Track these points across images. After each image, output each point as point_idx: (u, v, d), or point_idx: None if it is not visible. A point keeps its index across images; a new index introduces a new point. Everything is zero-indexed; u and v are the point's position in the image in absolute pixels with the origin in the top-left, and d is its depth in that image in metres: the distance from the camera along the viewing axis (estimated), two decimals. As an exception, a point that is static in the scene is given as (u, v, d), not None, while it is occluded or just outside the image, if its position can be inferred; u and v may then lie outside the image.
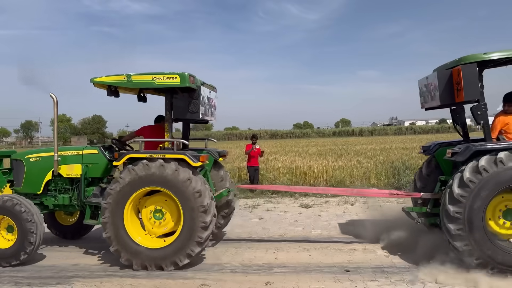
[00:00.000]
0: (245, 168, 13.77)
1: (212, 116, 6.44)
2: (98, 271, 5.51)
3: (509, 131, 5.58)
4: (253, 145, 12.01)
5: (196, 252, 5.38)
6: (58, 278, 5.30)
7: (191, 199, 5.29)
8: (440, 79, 5.26)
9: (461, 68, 4.98)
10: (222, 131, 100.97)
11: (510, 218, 5.04)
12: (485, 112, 5.14)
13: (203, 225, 5.30)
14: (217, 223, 6.70)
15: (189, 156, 5.42)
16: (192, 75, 5.55)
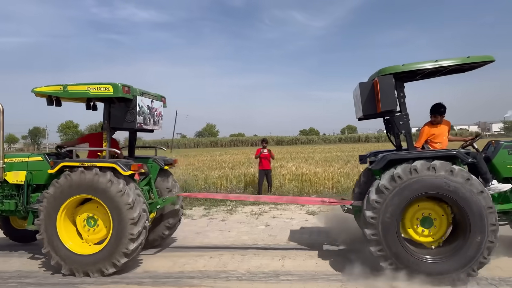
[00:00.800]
0: (250, 173, 13.83)
1: (156, 125, 6.50)
2: (104, 278, 5.50)
3: (434, 141, 5.77)
4: (263, 149, 12.16)
5: (122, 262, 5.46)
6: (65, 284, 5.31)
7: (121, 210, 5.39)
8: (362, 90, 5.37)
9: (377, 79, 5.12)
10: (228, 138, 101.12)
11: (427, 226, 5.12)
12: (407, 122, 5.29)
13: (131, 237, 5.39)
14: (162, 232, 6.87)
15: (119, 165, 5.50)
16: (127, 86, 5.64)
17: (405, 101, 5.34)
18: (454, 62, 5.03)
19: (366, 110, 5.34)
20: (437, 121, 5.84)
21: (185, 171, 16.42)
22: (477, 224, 4.74)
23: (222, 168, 17.23)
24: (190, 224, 8.94)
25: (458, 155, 4.98)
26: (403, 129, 5.32)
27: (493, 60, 5.07)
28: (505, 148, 5.41)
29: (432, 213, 5.13)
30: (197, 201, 11.47)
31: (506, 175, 5.37)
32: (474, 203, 4.73)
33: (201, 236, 7.88)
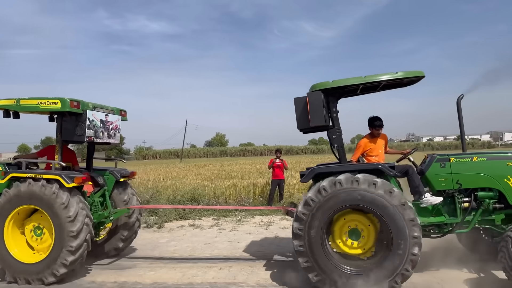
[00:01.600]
0: (259, 183, 13.77)
1: (111, 138, 6.67)
2: None
3: (371, 154, 5.84)
4: (276, 159, 12.10)
5: (62, 272, 5.60)
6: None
7: (62, 223, 5.56)
8: (296, 105, 5.41)
9: (307, 95, 5.23)
10: (237, 147, 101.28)
11: (355, 238, 5.14)
12: (339, 136, 5.43)
13: (70, 249, 5.54)
14: (116, 245, 7.02)
15: (63, 177, 5.68)
16: (76, 100, 5.86)
17: (337, 116, 5.46)
18: (381, 78, 5.11)
19: (301, 124, 5.41)
20: (374, 135, 5.91)
21: (194, 181, 16.43)
22: (399, 236, 4.75)
23: (232, 178, 17.21)
24: (199, 235, 8.92)
25: (382, 169, 5.06)
26: (336, 143, 5.46)
27: (423, 75, 5.16)
28: (437, 161, 5.41)
29: (359, 225, 5.15)
30: (206, 211, 11.45)
31: (439, 188, 5.36)
32: (395, 215, 4.76)
33: (210, 247, 7.84)
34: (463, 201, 5.28)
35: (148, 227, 9.90)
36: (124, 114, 7.03)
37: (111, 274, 6.16)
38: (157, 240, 8.59)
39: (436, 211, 5.37)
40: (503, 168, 5.21)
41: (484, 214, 5.28)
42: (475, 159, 5.32)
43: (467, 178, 5.27)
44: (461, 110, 5.53)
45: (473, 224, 5.27)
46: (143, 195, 12.99)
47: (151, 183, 16.07)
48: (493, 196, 5.23)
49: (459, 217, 5.25)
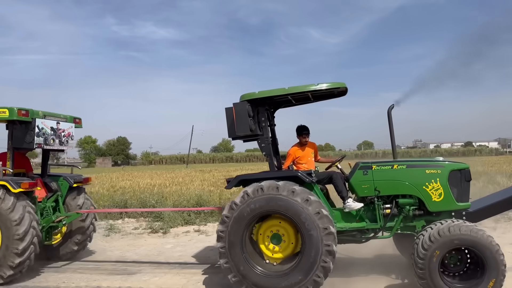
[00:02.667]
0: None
1: (63, 145, 6.95)
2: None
3: (300, 162, 6.05)
4: None
5: (8, 274, 5.78)
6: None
7: (9, 226, 5.76)
8: (227, 115, 5.54)
9: (233, 105, 5.39)
10: (243, 153, 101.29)
11: (276, 242, 5.27)
12: (267, 145, 5.59)
13: (16, 251, 5.74)
14: (71, 248, 7.28)
15: (10, 183, 5.87)
16: (24, 109, 6.12)
17: (266, 125, 5.64)
18: (302, 90, 5.31)
19: (231, 133, 5.53)
20: (302, 143, 6.13)
21: (200, 186, 16.47)
22: (311, 243, 4.86)
23: (237, 184, 17.21)
24: (204, 241, 8.91)
25: (300, 176, 5.22)
26: (264, 151, 5.61)
27: (345, 87, 5.40)
28: (360, 168, 5.52)
29: (281, 230, 5.28)
30: (212, 217, 11.44)
31: (362, 194, 5.47)
32: (309, 223, 4.88)
33: (215, 252, 7.80)
34: (385, 207, 5.41)
35: (153, 232, 9.91)
36: (79, 122, 7.34)
37: (116, 280, 6.17)
38: (162, 245, 8.59)
39: (359, 217, 5.51)
40: (422, 176, 5.32)
41: (405, 220, 5.43)
42: (395, 167, 5.43)
43: (388, 185, 5.40)
44: (392, 119, 5.66)
45: (395, 230, 5.42)
46: (149, 200, 13.05)
47: (156, 189, 16.14)
48: (413, 203, 5.36)
49: (379, 223, 5.38)
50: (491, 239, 4.60)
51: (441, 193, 5.24)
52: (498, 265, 4.53)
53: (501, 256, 4.55)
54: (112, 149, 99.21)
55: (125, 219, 11.69)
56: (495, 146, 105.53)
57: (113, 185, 18.58)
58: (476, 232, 4.61)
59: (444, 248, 4.65)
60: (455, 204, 5.26)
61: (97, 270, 6.77)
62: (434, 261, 4.64)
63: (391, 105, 5.67)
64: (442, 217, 5.25)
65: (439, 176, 5.27)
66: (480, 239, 4.58)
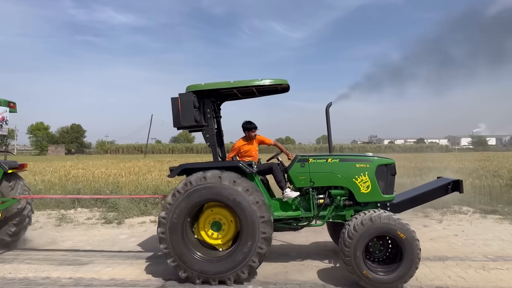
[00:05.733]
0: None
1: None
2: (68, 285, 5.36)
3: (245, 155, 6.32)
4: None
5: None
6: None
7: None
8: (173, 105, 5.69)
9: (179, 96, 5.54)
10: (204, 144, 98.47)
11: (216, 229, 5.60)
12: (212, 136, 5.82)
13: None
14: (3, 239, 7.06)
15: None
16: None
17: (212, 117, 5.85)
18: (247, 84, 5.60)
19: (176, 123, 5.65)
20: (249, 137, 6.38)
21: (158, 176, 16.22)
22: (249, 230, 5.21)
23: (196, 174, 17.08)
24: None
25: (241, 166, 5.49)
26: (208, 141, 5.84)
27: (287, 84, 5.71)
28: (298, 161, 5.89)
29: (222, 219, 5.59)
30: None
31: (298, 185, 5.86)
32: (248, 211, 5.21)
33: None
34: (319, 197, 5.82)
35: (107, 223, 9.67)
36: (13, 106, 7.05)
37: (66, 270, 6.00)
38: (117, 236, 8.41)
39: (295, 206, 5.91)
40: (352, 169, 5.78)
41: (336, 210, 5.87)
42: (329, 161, 5.86)
43: (322, 177, 5.80)
44: (329, 116, 6.01)
45: (327, 218, 5.86)
46: (103, 189, 12.70)
47: (111, 178, 15.72)
48: (344, 194, 5.82)
49: (313, 212, 5.79)
50: (408, 227, 5.03)
51: (368, 186, 5.73)
52: (413, 249, 4.93)
53: (416, 241, 4.96)
54: (65, 137, 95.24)
55: (78, 209, 11.33)
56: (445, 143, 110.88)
57: (66, 174, 17.89)
58: (395, 221, 5.03)
59: (366, 236, 5.02)
60: (381, 196, 5.75)
61: (46, 260, 6.54)
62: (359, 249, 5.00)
63: (328, 103, 5.99)
64: (369, 207, 5.75)
65: (368, 170, 5.74)
66: (398, 226, 5.00)
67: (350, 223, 5.15)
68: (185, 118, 5.44)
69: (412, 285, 5.18)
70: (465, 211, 10.27)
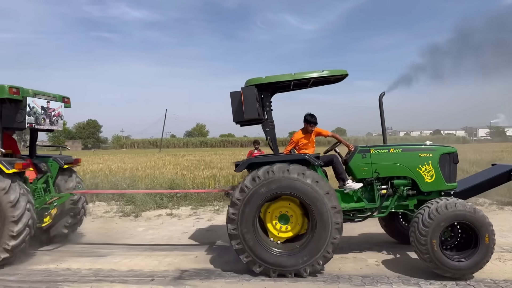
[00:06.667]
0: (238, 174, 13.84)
1: (53, 125, 6.74)
2: (88, 276, 5.50)
3: (302, 148, 6.30)
4: (255, 150, 12.17)
5: (3, 257, 5.70)
6: (47, 282, 5.28)
7: (4, 207, 5.64)
8: (232, 99, 5.69)
9: (242, 90, 5.54)
10: (218, 138, 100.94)
11: (284, 222, 5.55)
12: (271, 129, 5.83)
13: (11, 233, 5.65)
14: (62, 231, 7.14)
15: (3, 164, 5.74)
16: (15, 87, 5.89)
17: (271, 110, 5.83)
18: (309, 76, 5.56)
19: (237, 117, 5.66)
20: (308, 131, 6.33)
21: (173, 170, 16.40)
22: (322, 221, 5.18)
23: (211, 168, 17.24)
24: (176, 224, 8.94)
25: (308, 159, 5.43)
26: (269, 135, 5.85)
27: (346, 74, 5.64)
28: (359, 152, 5.89)
29: (289, 211, 5.55)
30: (184, 201, 11.46)
31: (360, 176, 5.85)
32: (320, 202, 5.18)
33: (187, 235, 7.88)
34: (381, 188, 5.82)
35: (125, 216, 9.86)
36: (68, 101, 7.07)
37: (86, 262, 6.15)
38: (134, 228, 8.58)
39: (357, 198, 5.89)
40: (416, 159, 5.77)
41: (399, 200, 5.86)
42: (391, 151, 5.84)
43: (384, 168, 5.80)
44: (383, 106, 5.98)
45: (390, 209, 5.84)
46: (120, 184, 12.92)
47: (128, 172, 15.96)
48: (407, 183, 5.80)
49: (377, 202, 5.79)
50: (482, 213, 5.09)
51: (432, 175, 5.71)
52: (489, 235, 4.99)
53: (491, 227, 5.03)
54: (82, 132, 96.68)
55: (96, 202, 11.55)
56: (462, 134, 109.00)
57: (84, 169, 18.24)
58: (470, 208, 5.06)
59: (443, 224, 5.01)
60: (445, 184, 5.74)
61: (67, 252, 6.71)
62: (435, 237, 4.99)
63: (382, 93, 5.96)
64: (432, 196, 5.71)
65: (431, 159, 5.73)
66: (472, 213, 5.03)
67: (423, 212, 5.13)
68: (248, 112, 5.43)
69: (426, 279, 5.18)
70: (482, 203, 10.16)
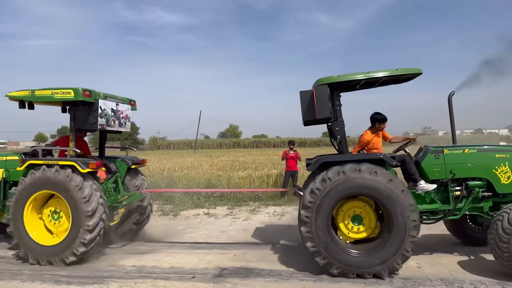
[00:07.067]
0: (273, 174, 13.91)
1: (122, 127, 6.95)
2: (132, 272, 5.72)
3: (371, 148, 6.18)
4: (290, 151, 12.24)
5: (81, 251, 5.88)
6: (94, 278, 5.52)
7: (78, 203, 5.85)
8: (302, 99, 5.64)
9: (314, 89, 5.49)
10: (251, 139, 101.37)
11: (357, 223, 5.48)
12: (342, 128, 5.73)
13: (87, 228, 5.83)
14: (130, 227, 7.30)
15: (78, 163, 5.98)
16: (88, 90, 6.09)
17: (341, 109, 5.74)
18: (383, 74, 5.46)
19: (306, 116, 5.61)
20: (377, 129, 6.24)
21: (209, 171, 16.65)
22: (399, 220, 5.08)
23: (245, 169, 17.35)
24: (213, 223, 9.12)
25: (384, 158, 5.36)
26: (339, 134, 5.75)
27: (420, 72, 5.48)
28: (432, 152, 5.74)
29: (363, 212, 5.49)
30: (221, 200, 11.65)
31: (433, 177, 5.70)
32: (396, 201, 5.08)
33: (225, 234, 8.03)
34: (455, 189, 5.65)
35: (164, 215, 10.14)
36: (134, 104, 7.31)
37: (130, 259, 6.38)
38: (173, 227, 8.81)
39: (430, 199, 5.74)
40: (492, 160, 5.61)
41: (473, 201, 5.67)
42: (466, 151, 5.68)
43: (459, 169, 5.64)
44: (452, 106, 5.86)
45: (463, 211, 5.67)
46: (159, 184, 13.26)
47: (166, 173, 16.34)
48: (482, 185, 5.62)
49: (451, 204, 5.63)
50: None
51: (509, 176, 5.57)
52: None
53: None
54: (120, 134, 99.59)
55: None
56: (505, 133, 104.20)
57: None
58: None
59: None
60: None
61: (111, 249, 6.98)
62: None
63: (451, 92, 5.87)
64: (508, 198, 5.59)
65: (508, 160, 5.60)
66: None
67: (502, 218, 4.97)
68: (321, 111, 5.41)
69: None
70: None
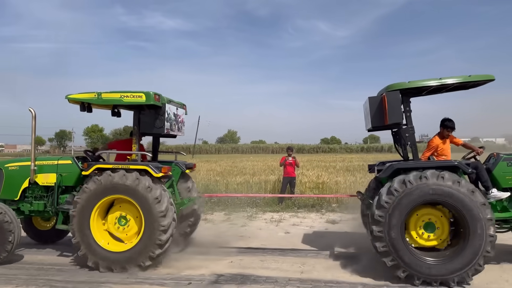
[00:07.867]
0: (271, 180, 13.91)
1: (179, 131, 6.94)
2: (129, 277, 5.69)
3: (440, 154, 6.10)
4: (288, 157, 12.25)
5: (157, 253, 5.76)
6: (90, 283, 5.49)
7: (150, 205, 5.73)
8: (371, 104, 5.67)
9: (385, 94, 5.49)
10: (249, 144, 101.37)
11: (430, 230, 5.41)
12: (412, 135, 5.66)
13: (162, 228, 5.73)
14: (184, 230, 7.17)
15: (152, 168, 5.89)
16: (157, 94, 6.02)
17: (410, 115, 5.70)
18: (456, 80, 5.40)
19: (375, 122, 5.64)
20: (445, 136, 6.16)
21: (206, 176, 16.63)
22: (476, 233, 5.01)
23: (243, 174, 17.35)
24: (211, 229, 9.07)
25: (459, 166, 5.31)
26: (409, 140, 5.68)
27: (493, 79, 5.40)
28: (504, 160, 5.69)
29: (437, 221, 5.41)
30: (218, 206, 11.63)
31: (505, 185, 5.62)
32: (476, 213, 4.99)
33: (221, 240, 7.98)
34: None
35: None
36: (185, 108, 7.26)
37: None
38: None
39: (502, 207, 5.67)
40: None
41: None
42: None
43: None
44: None
45: None
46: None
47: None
48: None
49: None
50: None
51: None
52: None
53: None
54: (119, 138, 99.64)
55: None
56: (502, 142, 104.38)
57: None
58: None
59: None
60: None
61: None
62: None
63: None
64: None
65: None
66: None
67: None
68: (392, 117, 5.43)
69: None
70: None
